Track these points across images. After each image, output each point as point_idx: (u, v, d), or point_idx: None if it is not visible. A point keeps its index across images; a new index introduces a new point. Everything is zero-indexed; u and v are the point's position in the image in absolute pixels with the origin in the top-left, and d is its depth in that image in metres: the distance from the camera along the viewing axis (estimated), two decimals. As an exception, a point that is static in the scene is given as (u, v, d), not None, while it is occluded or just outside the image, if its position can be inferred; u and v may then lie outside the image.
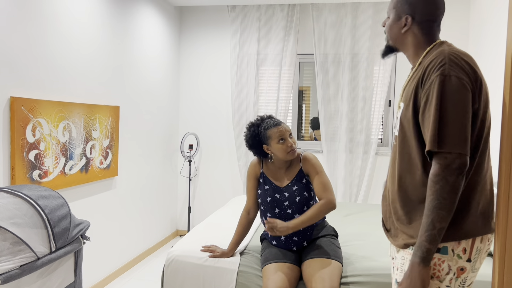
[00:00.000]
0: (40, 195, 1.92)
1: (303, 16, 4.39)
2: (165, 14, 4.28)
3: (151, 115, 4.08)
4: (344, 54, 4.23)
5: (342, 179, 4.27)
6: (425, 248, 1.24)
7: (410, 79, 1.42)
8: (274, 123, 2.15)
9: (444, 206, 1.22)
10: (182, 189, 4.81)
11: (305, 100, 4.52)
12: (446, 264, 1.28)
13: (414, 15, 1.41)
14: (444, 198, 1.22)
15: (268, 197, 2.17)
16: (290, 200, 2.14)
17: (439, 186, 1.22)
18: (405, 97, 1.40)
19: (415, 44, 1.43)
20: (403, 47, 1.47)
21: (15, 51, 2.37)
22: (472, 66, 1.27)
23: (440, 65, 1.26)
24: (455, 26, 4.09)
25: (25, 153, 2.41)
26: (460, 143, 1.21)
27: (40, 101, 2.51)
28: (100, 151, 3.16)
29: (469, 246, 1.29)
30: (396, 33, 1.46)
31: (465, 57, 1.29)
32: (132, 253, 3.82)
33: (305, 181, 2.19)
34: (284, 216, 2.15)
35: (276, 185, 2.20)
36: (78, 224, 2.07)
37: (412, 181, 1.36)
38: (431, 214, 1.23)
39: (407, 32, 1.43)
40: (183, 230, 4.85)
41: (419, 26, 1.41)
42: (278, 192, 2.17)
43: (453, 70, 1.25)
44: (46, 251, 1.83)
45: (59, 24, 2.71)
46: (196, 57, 4.67)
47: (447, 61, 1.26)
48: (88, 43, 3.03)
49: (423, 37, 1.41)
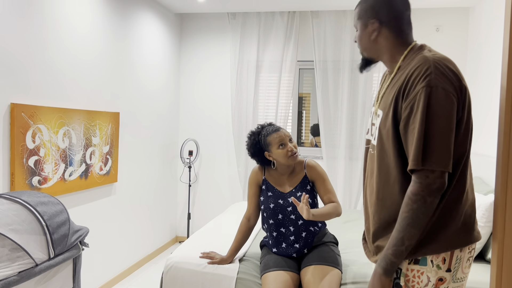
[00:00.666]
0: (39, 201, 1.93)
1: (303, 23, 4.42)
2: (165, 21, 4.31)
3: (151, 121, 4.09)
4: (344, 61, 4.24)
5: (342, 185, 4.27)
6: (390, 261, 1.25)
7: (389, 86, 1.35)
8: (273, 129, 2.16)
9: (417, 224, 1.20)
10: (182, 195, 4.81)
11: (305, 106, 4.53)
12: (425, 275, 1.26)
13: (380, 17, 1.34)
14: (418, 218, 1.20)
15: (271, 204, 2.17)
16: (293, 205, 2.14)
17: (416, 205, 1.20)
18: (383, 104, 1.34)
19: (389, 48, 1.36)
20: (378, 54, 1.40)
21: (16, 57, 2.38)
22: (456, 74, 1.23)
23: (425, 75, 1.20)
24: (454, 36, 4.11)
25: (25, 159, 2.41)
26: (444, 160, 1.18)
27: (40, 107, 2.52)
28: (100, 157, 3.17)
29: (448, 256, 1.27)
30: (367, 41, 1.39)
31: (450, 64, 1.24)
32: (131, 260, 3.81)
33: (310, 187, 2.19)
34: (288, 221, 2.15)
35: (280, 191, 2.20)
36: (77, 230, 2.07)
37: (391, 195, 1.32)
38: (402, 231, 1.22)
39: (378, 37, 1.36)
40: (183, 237, 4.84)
41: (388, 27, 1.34)
42: (281, 198, 2.18)
43: (439, 81, 1.19)
44: (45, 257, 1.83)
45: (59, 30, 2.73)
46: (196, 63, 4.69)
47: (433, 70, 1.20)
48: (88, 49, 3.04)
49: (395, 39, 1.35)
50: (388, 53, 1.37)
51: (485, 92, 3.53)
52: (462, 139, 1.25)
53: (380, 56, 1.40)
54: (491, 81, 3.45)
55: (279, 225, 2.16)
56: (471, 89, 3.90)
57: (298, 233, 2.14)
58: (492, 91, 3.41)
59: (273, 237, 2.19)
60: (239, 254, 2.33)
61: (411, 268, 1.28)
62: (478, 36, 3.81)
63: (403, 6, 1.34)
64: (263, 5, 4.11)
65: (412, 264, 1.28)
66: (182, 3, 4.13)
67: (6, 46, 2.31)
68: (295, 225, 2.14)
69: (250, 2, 4.03)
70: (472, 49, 3.97)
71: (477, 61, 3.78)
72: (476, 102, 3.75)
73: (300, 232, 2.14)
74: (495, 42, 3.40)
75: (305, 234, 2.14)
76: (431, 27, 4.16)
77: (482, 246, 2.43)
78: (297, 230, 2.14)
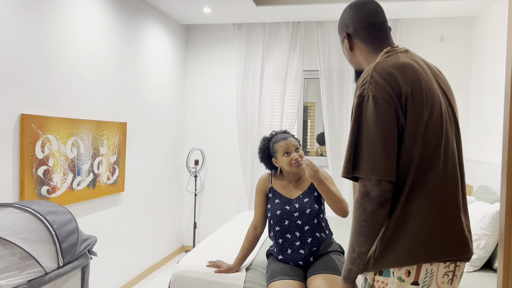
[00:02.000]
0: (49, 210, 1.95)
1: (307, 33, 4.46)
2: (172, 32, 4.37)
3: (158, 131, 4.13)
4: (348, 71, 4.27)
5: (348, 194, 4.27)
6: (347, 267, 1.27)
7: None
8: (282, 137, 2.21)
9: (362, 232, 1.20)
10: (188, 204, 4.83)
11: (310, 115, 4.56)
12: (389, 286, 1.25)
13: (348, 31, 1.39)
14: (362, 226, 1.19)
15: (278, 210, 2.20)
16: (300, 211, 2.17)
17: (358, 213, 1.20)
18: None
19: (365, 57, 1.38)
20: (358, 65, 1.43)
21: (26, 69, 2.43)
22: (398, 81, 1.19)
23: (362, 84, 1.22)
24: (458, 45, 4.13)
25: (34, 169, 2.45)
26: (379, 168, 1.15)
27: (50, 118, 2.56)
28: (107, 167, 3.20)
29: (414, 269, 1.22)
30: (347, 55, 1.44)
31: (395, 70, 1.21)
32: (138, 269, 3.82)
33: (317, 194, 2.22)
34: (294, 227, 2.17)
35: (287, 197, 2.23)
36: (85, 239, 2.10)
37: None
38: (351, 238, 1.24)
39: (354, 50, 1.40)
40: (189, 246, 4.84)
41: (358, 38, 1.37)
42: (288, 204, 2.20)
43: (372, 89, 1.18)
44: (54, 266, 1.85)
45: (68, 42, 2.78)
46: (202, 73, 4.74)
47: (369, 79, 1.20)
48: (96, 60, 3.09)
49: (366, 47, 1.37)
50: (365, 62, 1.39)
51: (490, 101, 3.54)
52: (408, 147, 1.20)
53: (360, 66, 1.43)
54: (495, 90, 3.46)
55: (285, 231, 2.18)
56: (475, 98, 3.91)
57: (303, 239, 2.15)
58: (497, 100, 3.42)
59: (278, 244, 2.21)
60: (245, 262, 2.34)
61: (377, 279, 1.27)
62: (482, 45, 3.83)
63: (369, 15, 1.36)
64: (268, 16, 4.15)
65: (378, 275, 1.27)
66: (188, 15, 4.19)
67: (17, 57, 2.36)
68: (301, 230, 2.16)
69: (255, 13, 4.08)
70: (476, 58, 3.98)
71: (482, 70, 3.79)
72: (481, 110, 3.76)
73: (305, 237, 2.15)
74: (499, 51, 3.42)
75: (310, 240, 2.15)
76: (435, 36, 4.18)
77: (488, 256, 2.43)
78: (302, 236, 2.15)
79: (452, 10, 3.86)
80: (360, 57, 1.39)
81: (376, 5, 1.39)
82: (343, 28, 1.41)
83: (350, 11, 1.39)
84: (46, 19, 2.57)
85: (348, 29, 1.38)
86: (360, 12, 1.36)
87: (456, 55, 4.14)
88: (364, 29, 1.36)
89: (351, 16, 1.37)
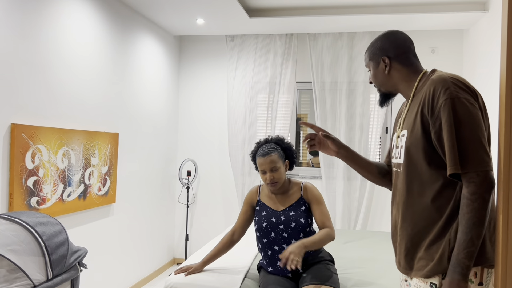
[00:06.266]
0: (38, 221, 1.91)
1: (300, 45, 4.49)
2: (165, 43, 4.37)
3: (150, 142, 4.10)
4: (341, 83, 4.29)
5: (341, 205, 4.26)
6: (465, 265, 1.25)
7: (409, 109, 1.46)
8: (262, 153, 2.20)
9: (482, 223, 1.24)
10: (180, 216, 4.78)
11: (302, 127, 4.56)
12: None
13: (389, 54, 1.52)
14: (482, 215, 1.23)
15: (264, 222, 2.20)
16: (285, 224, 2.17)
17: (477, 204, 1.24)
18: (407, 125, 1.44)
19: (402, 78, 1.52)
20: (394, 86, 1.55)
21: (17, 78, 2.40)
22: (470, 86, 1.33)
23: (445, 89, 1.32)
24: (449, 58, 4.18)
25: (23, 179, 2.40)
26: (485, 159, 1.25)
27: (40, 127, 2.53)
28: (99, 178, 3.16)
29: (479, 270, 1.29)
30: (383, 77, 1.55)
31: (462, 79, 1.35)
32: (129, 282, 3.75)
33: (305, 208, 2.21)
34: (280, 239, 2.16)
35: (273, 209, 2.24)
36: (75, 251, 2.05)
37: (420, 206, 1.38)
38: (469, 231, 1.24)
39: (391, 71, 1.53)
40: (180, 259, 4.78)
41: (398, 61, 1.51)
42: (274, 216, 2.20)
43: (459, 92, 1.30)
44: (43, 278, 1.80)
45: (60, 51, 2.76)
46: (195, 85, 4.73)
47: (450, 85, 1.31)
48: (89, 70, 3.07)
49: (406, 69, 1.51)
50: (403, 83, 1.52)
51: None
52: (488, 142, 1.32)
53: (396, 87, 1.55)
54: (486, 101, 3.49)
55: (273, 243, 2.18)
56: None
57: None
58: (487, 110, 3.45)
59: (267, 256, 2.21)
60: (239, 275, 2.30)
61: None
62: (472, 58, 3.87)
63: (407, 42, 1.53)
64: (261, 27, 4.18)
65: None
66: (181, 26, 4.20)
67: (7, 66, 2.34)
68: (288, 242, 2.16)
69: (248, 25, 4.09)
70: (467, 70, 4.03)
71: (472, 83, 3.83)
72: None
73: None
74: (489, 64, 3.46)
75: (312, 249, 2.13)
76: (426, 49, 4.23)
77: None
78: None
79: (443, 23, 3.92)
80: (397, 79, 1.53)
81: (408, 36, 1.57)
82: (381, 52, 1.54)
83: (389, 37, 1.54)
84: (37, 28, 2.55)
85: (388, 53, 1.52)
86: (400, 38, 1.53)
87: (447, 67, 4.19)
88: (405, 53, 1.51)
89: (392, 42, 1.52)
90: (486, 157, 1.26)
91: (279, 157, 2.20)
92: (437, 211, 1.34)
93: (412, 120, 1.40)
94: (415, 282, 1.38)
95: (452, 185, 1.33)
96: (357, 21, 3.89)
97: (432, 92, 1.34)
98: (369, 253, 2.90)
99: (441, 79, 1.34)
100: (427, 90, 1.37)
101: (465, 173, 1.26)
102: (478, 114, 1.28)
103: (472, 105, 1.29)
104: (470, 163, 1.25)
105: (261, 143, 2.30)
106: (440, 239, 1.34)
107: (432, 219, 1.36)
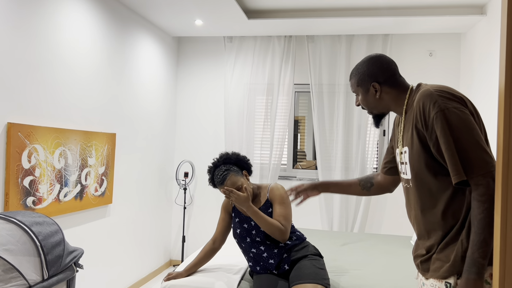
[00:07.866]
0: (34, 221, 1.90)
1: (299, 47, 4.49)
2: (163, 44, 4.36)
3: (147, 143, 4.09)
4: (339, 85, 4.29)
5: (338, 208, 4.26)
6: (480, 264, 1.27)
7: (405, 125, 1.52)
8: (219, 181, 2.17)
9: (492, 223, 1.26)
10: (177, 217, 4.76)
11: (300, 129, 4.56)
12: None
13: (378, 79, 1.57)
14: (492, 215, 1.26)
15: (238, 229, 2.26)
16: (256, 229, 2.21)
17: (488, 204, 1.26)
18: (406, 141, 1.49)
19: (393, 99, 1.57)
20: (386, 107, 1.60)
21: (13, 77, 2.39)
22: (456, 94, 1.37)
23: (433, 103, 1.36)
24: (447, 61, 4.19)
25: (20, 179, 2.39)
26: (487, 160, 1.28)
27: (37, 127, 2.51)
28: (95, 178, 3.15)
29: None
30: (374, 101, 1.60)
31: (447, 89, 1.39)
32: (125, 283, 3.73)
33: (271, 210, 2.23)
34: (256, 244, 2.21)
35: (244, 215, 2.27)
36: (71, 251, 2.04)
37: (435, 217, 1.42)
38: (482, 232, 1.27)
39: (381, 95, 1.58)
40: (177, 260, 4.76)
41: (387, 84, 1.56)
42: (245, 222, 2.25)
43: (446, 103, 1.34)
44: (38, 278, 1.79)
45: (58, 50, 2.75)
46: (193, 86, 4.72)
47: (437, 98, 1.36)
48: (86, 70, 3.06)
49: (395, 90, 1.56)
50: (393, 102, 1.58)
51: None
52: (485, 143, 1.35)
53: (388, 107, 1.61)
54: (484, 105, 3.50)
55: (250, 247, 2.23)
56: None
57: (269, 251, 2.19)
58: (485, 113, 3.46)
59: (251, 258, 2.26)
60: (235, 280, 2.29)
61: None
62: (470, 61, 3.89)
63: (392, 65, 1.58)
64: (259, 29, 4.18)
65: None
66: (179, 27, 4.19)
67: (3, 65, 2.32)
68: (264, 244, 2.20)
69: (247, 26, 4.09)
70: (464, 73, 4.04)
71: (470, 86, 3.84)
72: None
73: (271, 249, 2.19)
74: (486, 67, 3.47)
75: (277, 250, 2.18)
76: (424, 52, 4.24)
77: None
78: (267, 248, 2.19)
79: (441, 26, 3.93)
80: (388, 100, 1.58)
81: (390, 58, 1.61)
82: (370, 78, 1.58)
83: (375, 63, 1.58)
84: (35, 28, 2.54)
85: (378, 78, 1.57)
86: (386, 62, 1.58)
87: (444, 70, 4.20)
88: (393, 76, 1.57)
89: (379, 67, 1.57)
90: (487, 158, 1.28)
91: (236, 175, 2.17)
92: (453, 217, 1.38)
93: (410, 137, 1.45)
94: (431, 281, 1.42)
95: (461, 190, 1.37)
96: (355, 23, 3.89)
97: (422, 108, 1.38)
98: (368, 255, 2.89)
99: (427, 94, 1.39)
100: (416, 106, 1.42)
101: (471, 178, 1.29)
102: (470, 119, 1.32)
103: (462, 112, 1.32)
104: (474, 168, 1.28)
105: (212, 170, 2.26)
106: (455, 240, 1.37)
107: (449, 225, 1.39)
